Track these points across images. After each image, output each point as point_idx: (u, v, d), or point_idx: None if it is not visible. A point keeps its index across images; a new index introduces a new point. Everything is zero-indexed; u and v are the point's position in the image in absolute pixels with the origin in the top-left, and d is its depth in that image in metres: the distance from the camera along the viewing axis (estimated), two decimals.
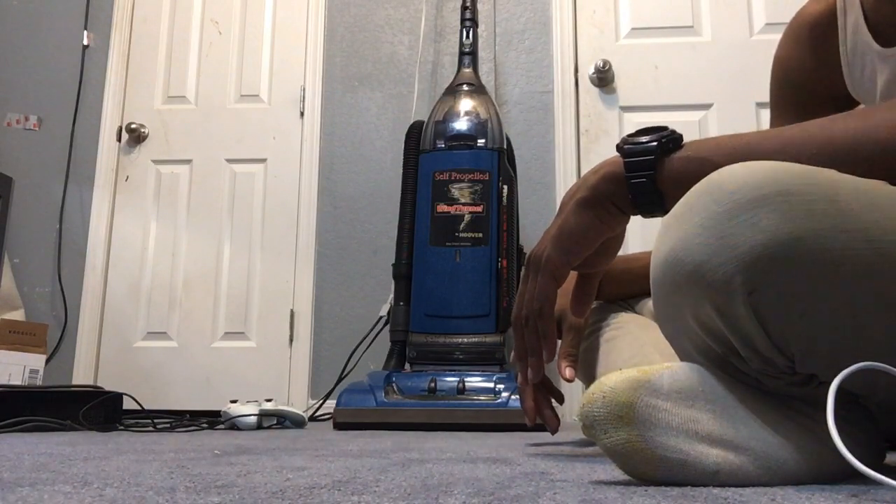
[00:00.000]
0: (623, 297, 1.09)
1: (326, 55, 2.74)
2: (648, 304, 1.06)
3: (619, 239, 0.74)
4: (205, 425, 1.56)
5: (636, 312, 1.07)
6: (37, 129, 2.80)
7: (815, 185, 0.51)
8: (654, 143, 0.63)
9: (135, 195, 2.73)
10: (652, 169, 0.63)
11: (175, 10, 2.85)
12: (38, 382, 1.92)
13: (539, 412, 0.82)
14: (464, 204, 1.99)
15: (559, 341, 0.97)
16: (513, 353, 0.80)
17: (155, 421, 1.54)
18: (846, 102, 0.84)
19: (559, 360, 0.94)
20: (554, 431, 0.83)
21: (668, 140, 0.63)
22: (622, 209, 0.67)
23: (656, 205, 0.64)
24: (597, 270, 0.79)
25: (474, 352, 1.88)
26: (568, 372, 0.92)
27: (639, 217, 0.67)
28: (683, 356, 0.60)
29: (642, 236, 2.24)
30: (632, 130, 0.67)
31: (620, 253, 0.79)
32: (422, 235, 2.01)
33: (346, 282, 2.59)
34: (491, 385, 1.76)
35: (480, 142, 2.06)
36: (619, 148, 0.66)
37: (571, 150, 2.52)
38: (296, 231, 2.64)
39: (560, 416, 0.85)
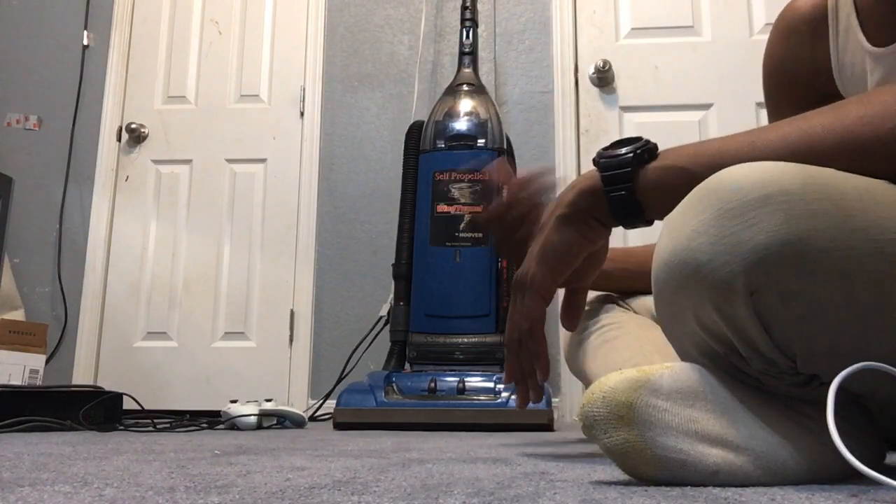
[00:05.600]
0: (622, 291, 1.09)
1: (326, 55, 2.74)
2: (643, 300, 1.06)
3: (602, 251, 0.75)
4: (205, 425, 1.56)
5: (632, 308, 1.07)
6: (37, 129, 2.80)
7: (816, 185, 0.51)
8: (630, 155, 0.63)
9: (135, 195, 2.73)
10: (629, 181, 0.63)
11: (175, 10, 2.85)
12: (38, 382, 1.92)
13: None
14: (464, 204, 1.99)
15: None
16: (505, 374, 0.80)
17: (155, 421, 1.54)
18: (836, 100, 0.84)
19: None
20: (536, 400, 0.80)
21: (644, 151, 0.63)
22: (602, 222, 0.68)
23: (636, 216, 0.64)
24: (583, 285, 0.80)
25: (474, 352, 1.88)
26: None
27: None
28: (684, 356, 0.60)
29: (642, 235, 2.23)
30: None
31: (620, 246, 0.78)
32: (422, 235, 2.01)
33: (346, 282, 2.59)
34: (491, 385, 1.76)
35: (480, 142, 2.06)
36: (595, 162, 0.66)
37: (571, 150, 2.52)
38: (296, 231, 2.64)
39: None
